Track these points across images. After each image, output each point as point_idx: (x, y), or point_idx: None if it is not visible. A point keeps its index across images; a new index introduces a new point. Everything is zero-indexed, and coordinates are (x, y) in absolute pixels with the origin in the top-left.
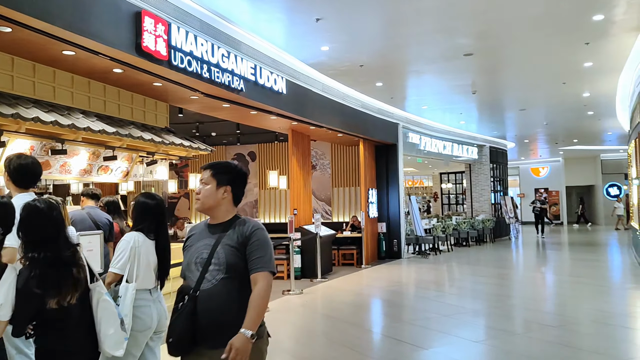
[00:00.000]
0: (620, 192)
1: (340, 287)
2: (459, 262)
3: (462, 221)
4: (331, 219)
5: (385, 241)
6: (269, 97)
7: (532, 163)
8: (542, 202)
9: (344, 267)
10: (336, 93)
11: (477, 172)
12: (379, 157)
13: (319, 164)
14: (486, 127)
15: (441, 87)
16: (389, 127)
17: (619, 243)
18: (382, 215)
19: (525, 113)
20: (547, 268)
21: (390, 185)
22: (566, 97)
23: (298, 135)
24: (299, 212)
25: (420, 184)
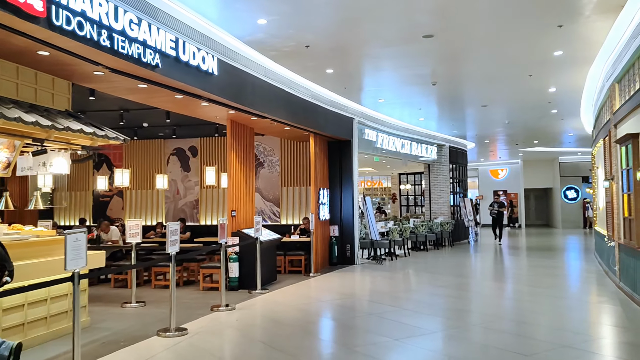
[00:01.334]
0: (577, 196)
1: (281, 301)
2: (416, 270)
3: (420, 224)
4: (279, 222)
5: (338, 246)
6: (197, 78)
7: (492, 165)
8: (501, 204)
9: (290, 276)
10: (281, 79)
11: (437, 173)
12: (332, 155)
13: (266, 161)
14: (446, 125)
15: (399, 77)
16: (343, 122)
17: (580, 248)
18: (334, 217)
19: (487, 110)
20: (508, 278)
21: (344, 185)
22: (531, 93)
23: (238, 126)
24: (239, 213)
25: (379, 185)
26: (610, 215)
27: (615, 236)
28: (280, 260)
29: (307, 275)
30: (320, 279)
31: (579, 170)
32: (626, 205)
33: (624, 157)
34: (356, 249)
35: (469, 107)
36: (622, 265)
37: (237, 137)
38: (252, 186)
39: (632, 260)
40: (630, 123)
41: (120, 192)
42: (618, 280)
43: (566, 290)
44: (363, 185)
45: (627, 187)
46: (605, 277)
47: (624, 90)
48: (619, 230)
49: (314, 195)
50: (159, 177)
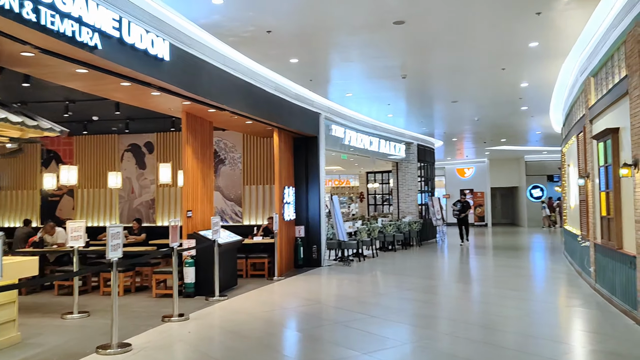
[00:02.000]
0: (543, 194)
1: (240, 309)
2: (384, 271)
3: (388, 224)
4: (242, 222)
5: (304, 247)
6: (145, 63)
7: (458, 163)
8: (465, 204)
9: (252, 280)
10: (242, 69)
11: (405, 172)
12: (298, 151)
13: (228, 158)
14: (415, 122)
15: (368, 68)
16: (309, 117)
17: (548, 247)
18: (300, 217)
19: (457, 106)
20: (478, 280)
21: (311, 183)
22: (503, 88)
23: (195, 119)
24: (196, 214)
25: (347, 184)
26: (585, 214)
27: (591, 236)
28: (242, 263)
29: (271, 280)
30: (285, 284)
31: (545, 169)
32: (604, 203)
33: (602, 153)
34: (323, 251)
35: (438, 102)
36: (598, 267)
37: (194, 131)
38: (210, 184)
39: (610, 262)
40: (608, 118)
41: (71, 191)
42: (594, 281)
43: (539, 293)
44: (330, 184)
45: (605, 185)
46: (578, 278)
47: (601, 84)
48: (594, 229)
49: (278, 194)
50: (112, 174)
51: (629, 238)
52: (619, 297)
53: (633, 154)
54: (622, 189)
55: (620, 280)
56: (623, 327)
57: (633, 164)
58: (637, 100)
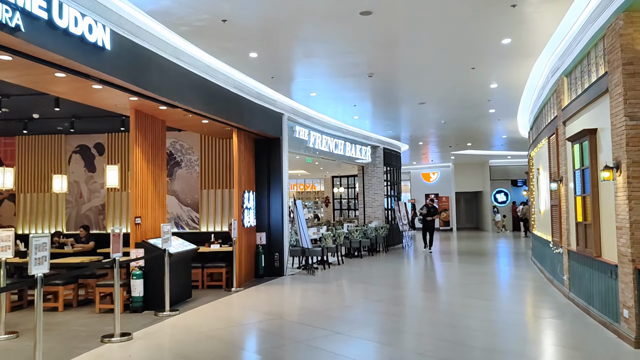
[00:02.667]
0: (507, 199)
1: (193, 326)
2: (350, 280)
3: (354, 229)
4: (199, 229)
5: (265, 255)
6: (82, 51)
7: (423, 168)
8: (432, 209)
9: (209, 292)
10: (197, 63)
11: (371, 175)
12: (260, 154)
13: (184, 160)
14: (381, 125)
15: (333, 65)
16: (271, 118)
17: (515, 252)
18: (261, 223)
19: (425, 108)
20: (446, 289)
21: (273, 187)
22: (472, 89)
23: (145, 118)
24: (147, 220)
25: (312, 188)
26: (557, 219)
27: (564, 242)
28: (198, 274)
29: (229, 291)
30: (244, 295)
31: (509, 173)
32: (580, 209)
33: (577, 155)
34: (285, 259)
35: (406, 104)
36: (572, 275)
37: (144, 130)
38: (162, 188)
39: (587, 270)
40: (585, 118)
41: (12, 196)
42: (567, 290)
43: (510, 303)
44: (295, 189)
45: (581, 189)
46: (550, 285)
47: (575, 84)
48: (568, 236)
49: (237, 198)
50: (57, 178)
51: (609, 245)
52: (597, 308)
53: (614, 156)
54: (600, 193)
55: (599, 290)
56: (605, 342)
57: (615, 166)
58: (619, 99)
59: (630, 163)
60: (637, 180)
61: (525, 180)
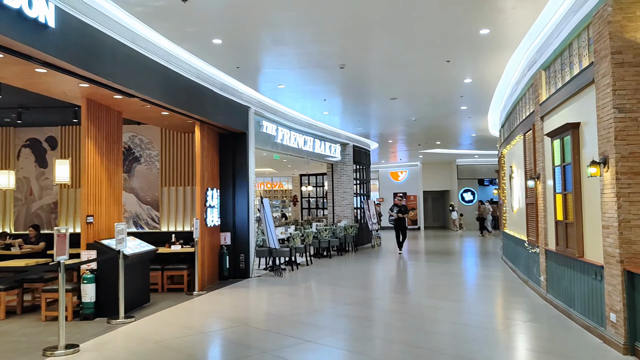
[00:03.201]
0: (474, 198)
1: (148, 335)
2: (319, 282)
3: (323, 228)
4: (159, 228)
5: (230, 256)
6: (21, 28)
7: (392, 167)
8: (402, 208)
9: (169, 295)
10: (156, 50)
11: (340, 174)
12: (224, 149)
13: (144, 155)
14: (351, 122)
15: (303, 55)
16: (236, 111)
17: (484, 251)
18: (226, 223)
19: (396, 104)
20: (417, 290)
21: (238, 185)
22: (445, 84)
23: (99, 108)
24: (100, 219)
25: (279, 187)
26: (534, 218)
27: (541, 242)
28: (158, 276)
29: (190, 295)
30: (206, 299)
31: (476, 172)
32: (560, 207)
33: (558, 151)
34: (251, 260)
35: (377, 99)
36: (550, 275)
37: (98, 121)
38: (118, 185)
39: (567, 271)
40: (566, 112)
41: None
42: (544, 291)
43: (484, 305)
44: (262, 187)
45: (561, 186)
46: (524, 286)
47: (554, 77)
48: (545, 235)
49: (200, 196)
50: (3, 173)
51: (592, 245)
52: (579, 311)
53: (601, 150)
54: (584, 190)
55: (582, 292)
56: (591, 348)
57: (601, 162)
58: (606, 90)
59: (619, 158)
60: (625, 176)
61: (492, 180)
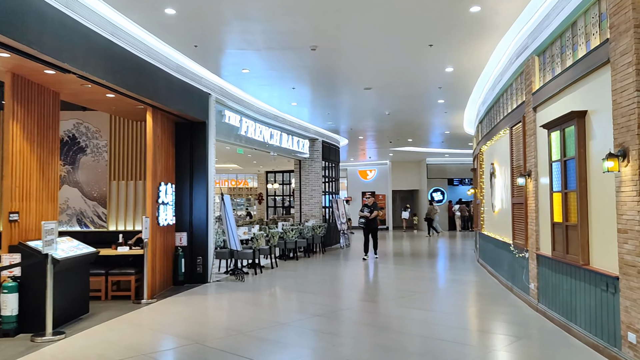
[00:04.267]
0: (443, 198)
1: (79, 356)
2: (284, 288)
3: (289, 228)
4: (106, 227)
5: (186, 259)
6: None
7: (360, 165)
8: (373, 206)
9: (114, 304)
10: (97, 19)
11: (308, 171)
12: (181, 140)
13: (90, 146)
14: (320, 115)
15: (270, 33)
16: (195, 97)
17: (458, 253)
18: (182, 222)
19: (370, 96)
20: (391, 298)
21: (196, 180)
22: (425, 73)
23: (29, 86)
24: (29, 217)
25: (244, 184)
26: (523, 219)
27: (531, 245)
28: (101, 282)
29: (138, 303)
30: (156, 309)
31: (445, 172)
32: (558, 207)
33: (557, 145)
34: (210, 262)
35: (350, 89)
36: (543, 283)
37: (27, 101)
38: (53, 178)
39: (566, 280)
40: (567, 101)
41: None
42: (535, 300)
43: (466, 315)
44: (227, 184)
45: (561, 184)
46: (509, 293)
47: (551, 63)
48: (537, 238)
49: (151, 191)
50: None
51: (601, 252)
52: (582, 326)
53: (618, 142)
54: (590, 188)
55: (586, 304)
56: None
57: (620, 154)
58: (627, 70)
59: None
60: None
61: (461, 180)
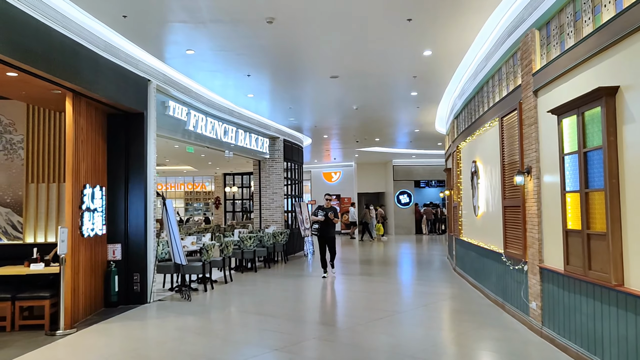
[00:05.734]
0: (410, 200)
1: None
2: (240, 309)
3: (246, 236)
4: (22, 239)
5: (120, 276)
6: None
7: (325, 167)
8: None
9: (22, 336)
10: None
11: (269, 172)
12: (114, 134)
13: (3, 141)
14: (281, 110)
15: (219, 0)
16: (131, 83)
17: (430, 260)
18: (115, 232)
19: (336, 86)
20: (360, 321)
21: (133, 182)
22: (400, 58)
23: None
24: None
25: (202, 188)
26: (519, 224)
27: (532, 257)
28: (7, 308)
29: (53, 335)
30: (74, 343)
31: (412, 174)
32: (575, 210)
33: (572, 133)
34: (150, 279)
35: (314, 77)
36: (550, 304)
37: None
38: None
39: (588, 302)
40: (587, 77)
41: None
42: (538, 323)
43: (463, 344)
44: (183, 188)
45: (580, 182)
46: (500, 312)
47: (559, 35)
48: (540, 248)
49: (72, 196)
50: None
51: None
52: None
53: None
54: (625, 186)
55: (620, 336)
56: None
57: None
58: None
59: None
60: None
61: (428, 182)
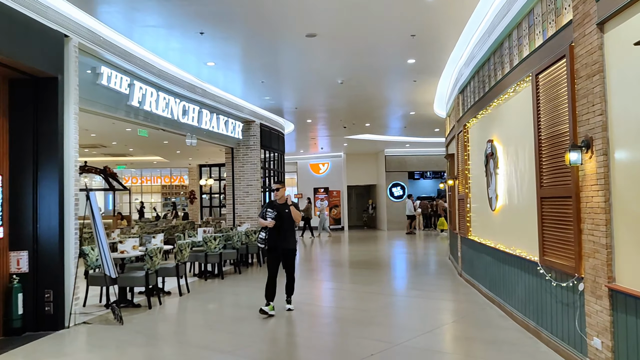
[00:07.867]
0: (404, 193)
1: None
2: (179, 337)
3: (209, 237)
4: None
5: (27, 293)
6: None
7: (312, 158)
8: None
9: None
10: None
11: (242, 161)
12: (18, 106)
13: None
14: (253, 86)
15: None
16: (36, 37)
17: (431, 261)
18: (20, 235)
19: (315, 48)
20: (350, 350)
21: (44, 169)
22: (392, 9)
23: None
24: None
25: (180, 181)
26: (572, 224)
27: (592, 272)
28: None
29: None
30: None
31: (406, 165)
32: None
33: None
34: (69, 296)
35: (287, 36)
36: (630, 345)
37: None
38: None
39: None
40: None
41: None
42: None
43: None
44: (160, 182)
45: None
46: (536, 342)
47: None
48: (610, 260)
49: None
50: None
51: None
52: None
53: None
54: None
55: None
56: None
57: None
58: None
59: None
60: None
61: (422, 173)
